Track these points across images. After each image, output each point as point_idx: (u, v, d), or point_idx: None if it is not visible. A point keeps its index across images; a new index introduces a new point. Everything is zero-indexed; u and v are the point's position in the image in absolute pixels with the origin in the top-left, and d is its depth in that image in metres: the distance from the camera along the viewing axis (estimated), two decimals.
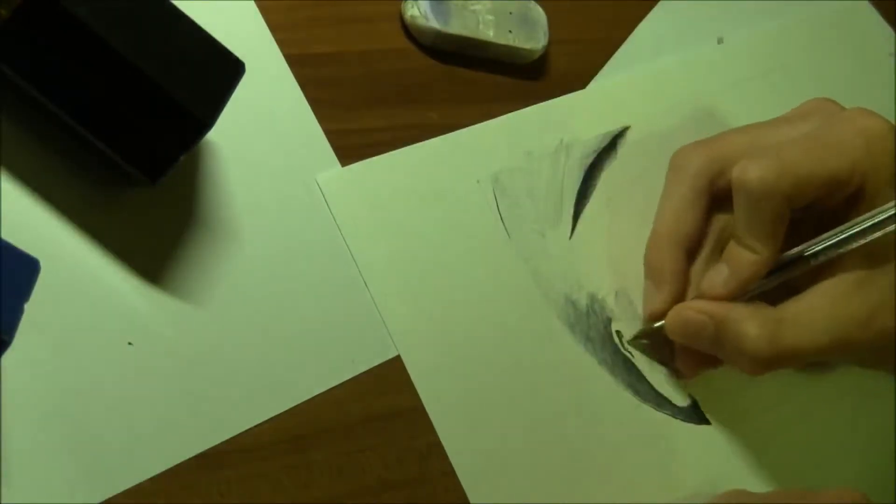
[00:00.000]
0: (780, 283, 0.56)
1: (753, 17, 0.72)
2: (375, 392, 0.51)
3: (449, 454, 0.51)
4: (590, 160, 0.61)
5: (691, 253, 0.58)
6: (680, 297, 0.57)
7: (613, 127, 0.63)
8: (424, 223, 0.56)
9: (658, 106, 0.65)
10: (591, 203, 0.60)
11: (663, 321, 0.57)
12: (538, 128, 0.61)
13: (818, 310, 0.54)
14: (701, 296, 0.56)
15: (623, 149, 0.63)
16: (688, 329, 0.55)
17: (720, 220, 0.58)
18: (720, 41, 0.70)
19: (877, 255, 0.54)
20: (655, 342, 0.58)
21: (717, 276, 0.55)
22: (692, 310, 0.55)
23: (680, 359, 0.57)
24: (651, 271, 0.58)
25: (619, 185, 0.61)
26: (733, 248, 0.55)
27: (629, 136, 0.63)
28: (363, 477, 0.49)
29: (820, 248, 0.54)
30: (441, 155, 0.58)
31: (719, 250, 0.57)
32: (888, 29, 0.76)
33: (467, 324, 0.54)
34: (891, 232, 0.53)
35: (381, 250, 0.54)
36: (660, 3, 0.69)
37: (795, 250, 0.55)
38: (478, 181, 0.58)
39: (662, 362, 0.58)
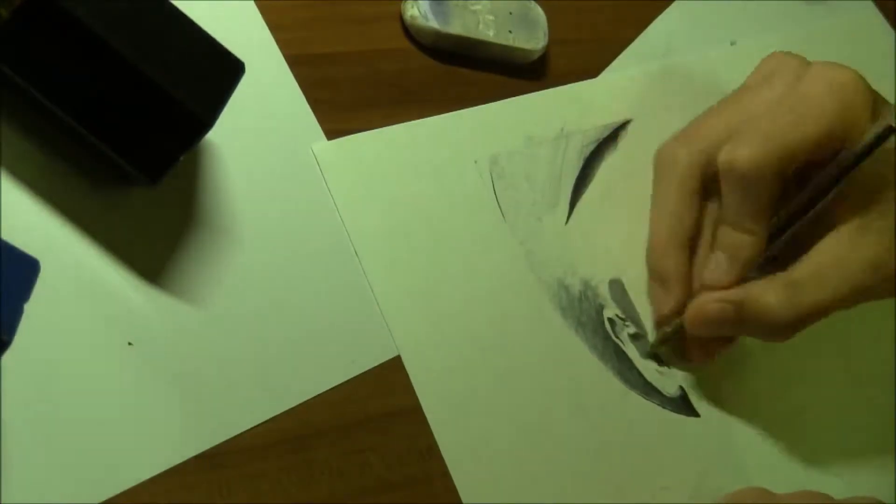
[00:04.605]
0: (777, 249, 0.56)
1: (769, 21, 0.72)
2: (375, 392, 0.51)
3: (431, 422, 0.51)
4: (590, 149, 0.61)
5: (692, 249, 0.58)
6: (689, 295, 0.57)
7: (615, 119, 0.63)
8: (418, 198, 0.56)
9: (661, 102, 0.65)
10: (588, 191, 0.60)
11: (677, 321, 0.57)
12: (540, 114, 0.61)
13: (828, 265, 0.54)
14: (707, 289, 0.56)
15: (624, 141, 0.63)
16: (711, 321, 0.55)
17: (711, 208, 0.58)
18: (733, 44, 0.70)
19: (870, 200, 0.54)
20: (675, 343, 0.58)
21: (718, 268, 0.55)
22: (710, 301, 0.55)
23: (693, 349, 0.58)
24: (657, 275, 0.58)
25: (617, 177, 0.62)
26: (727, 234, 0.55)
27: (630, 129, 0.63)
28: (363, 477, 0.49)
29: (810, 202, 0.55)
30: (440, 132, 0.58)
31: (713, 237, 0.57)
32: (891, 31, 0.76)
33: (458, 302, 0.54)
34: (875, 166, 0.53)
35: (373, 221, 0.54)
36: (674, 3, 0.69)
37: (784, 212, 0.55)
38: (475, 161, 0.58)
39: (686, 359, 0.58)
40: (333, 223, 0.54)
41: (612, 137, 0.62)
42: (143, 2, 0.46)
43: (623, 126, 0.63)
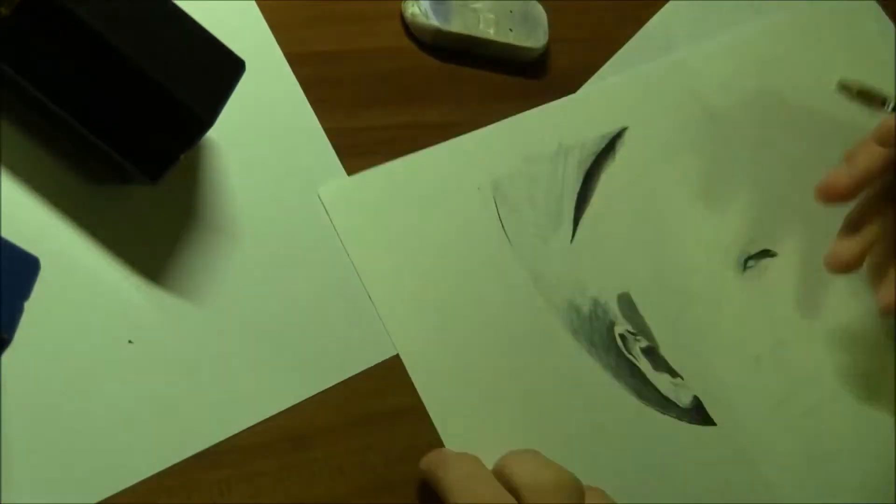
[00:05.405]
0: None
1: (769, 16, 0.72)
2: (376, 391, 0.51)
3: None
4: (588, 163, 0.61)
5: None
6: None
7: (611, 128, 0.63)
8: (426, 231, 0.56)
9: (654, 106, 0.65)
10: (591, 206, 0.60)
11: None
12: (536, 131, 0.61)
13: None
14: None
15: (621, 150, 0.62)
16: None
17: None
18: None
19: None
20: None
21: None
22: None
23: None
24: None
25: (618, 188, 0.61)
26: None
27: (627, 136, 0.63)
28: (364, 476, 0.49)
29: None
30: (441, 162, 0.58)
31: None
32: (889, 24, 0.76)
33: (470, 333, 0.54)
34: None
35: (384, 260, 0.54)
36: (669, 4, 0.69)
37: None
38: (478, 188, 0.58)
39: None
40: (351, 266, 0.54)
41: (609, 148, 0.62)
42: (143, 1, 0.46)
43: (619, 134, 0.63)
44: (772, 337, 0.61)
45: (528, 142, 0.60)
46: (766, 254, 0.64)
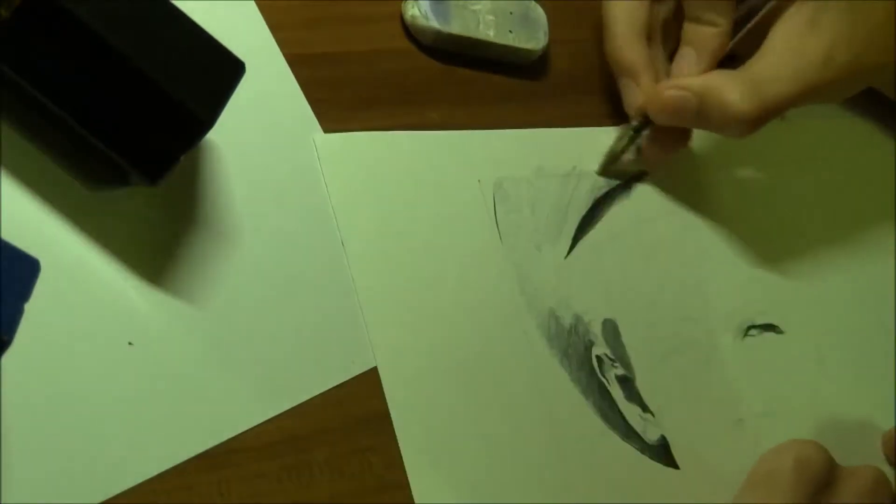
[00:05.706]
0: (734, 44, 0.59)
1: None
2: (375, 392, 0.51)
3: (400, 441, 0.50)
4: (600, 193, 0.61)
5: (649, 43, 0.60)
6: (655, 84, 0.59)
7: (633, 168, 0.62)
8: (415, 206, 0.55)
9: (681, 157, 0.64)
10: (594, 231, 0.60)
11: (628, 129, 0.60)
12: (555, 149, 0.61)
13: (784, 60, 0.56)
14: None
15: (637, 191, 0.62)
16: (672, 107, 0.58)
17: (658, 9, 0.61)
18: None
19: None
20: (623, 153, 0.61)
21: (685, 60, 0.59)
22: (673, 88, 0.58)
23: (649, 148, 0.60)
24: (623, 68, 0.60)
25: (626, 224, 0.61)
26: (692, 28, 0.58)
27: (646, 181, 0.63)
28: (363, 477, 0.49)
29: None
30: (447, 147, 0.57)
31: (664, 34, 0.60)
32: None
33: (442, 315, 0.53)
34: None
35: (366, 220, 0.53)
36: None
37: (744, 7, 0.58)
38: (479, 181, 0.57)
39: (643, 158, 0.61)
40: (334, 222, 0.54)
41: (625, 185, 0.62)
42: (143, 1, 0.46)
43: (638, 177, 0.62)
44: (760, 405, 0.59)
45: (543, 156, 0.60)
46: (772, 328, 0.62)
